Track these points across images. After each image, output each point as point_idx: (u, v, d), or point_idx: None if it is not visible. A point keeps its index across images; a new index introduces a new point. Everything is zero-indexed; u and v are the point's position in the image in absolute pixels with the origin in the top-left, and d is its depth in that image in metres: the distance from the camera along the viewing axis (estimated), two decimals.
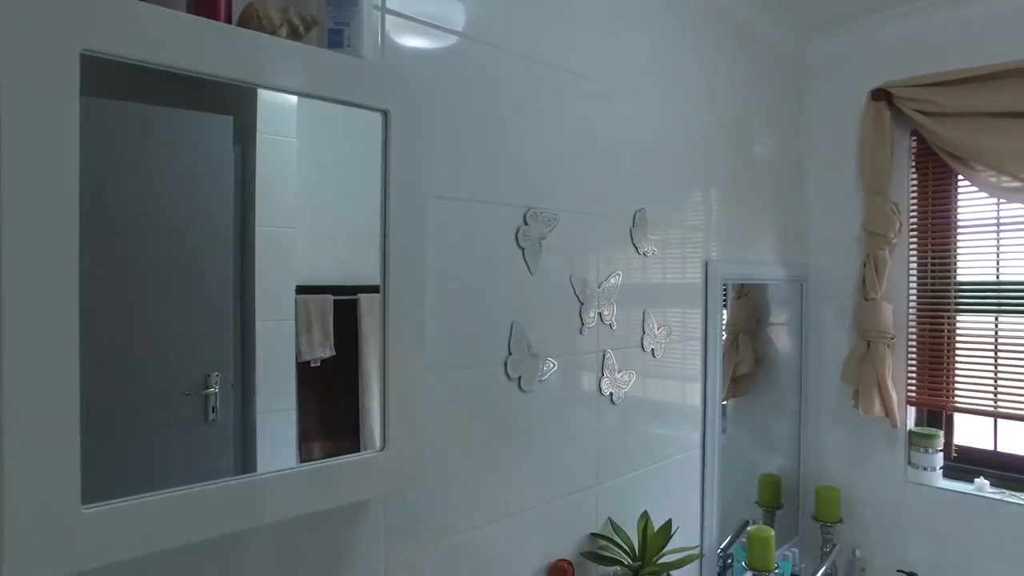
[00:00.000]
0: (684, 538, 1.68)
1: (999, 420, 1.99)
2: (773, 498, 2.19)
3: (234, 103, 0.84)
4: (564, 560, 1.33)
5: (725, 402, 2.18)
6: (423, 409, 0.99)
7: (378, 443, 0.94)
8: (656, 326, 1.58)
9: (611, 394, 1.46)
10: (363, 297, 0.97)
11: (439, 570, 1.12)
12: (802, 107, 2.26)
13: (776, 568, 1.81)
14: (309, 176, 0.92)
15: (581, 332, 1.38)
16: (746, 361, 2.23)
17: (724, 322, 2.00)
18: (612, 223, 1.47)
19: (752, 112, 2.02)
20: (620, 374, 1.47)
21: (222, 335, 0.85)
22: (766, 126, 2.09)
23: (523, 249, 1.25)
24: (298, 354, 0.90)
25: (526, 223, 1.25)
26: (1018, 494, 1.90)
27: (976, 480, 1.97)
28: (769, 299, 2.27)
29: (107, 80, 0.71)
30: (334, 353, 0.93)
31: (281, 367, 0.89)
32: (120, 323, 0.75)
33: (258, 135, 0.86)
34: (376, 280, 0.96)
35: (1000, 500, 1.90)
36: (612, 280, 1.45)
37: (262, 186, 0.86)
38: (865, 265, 2.05)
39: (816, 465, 2.24)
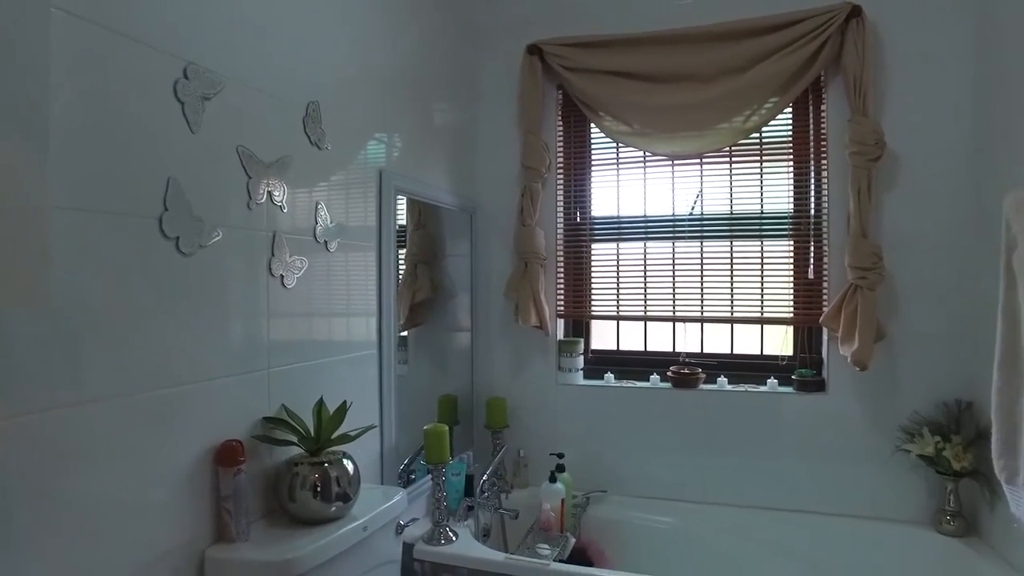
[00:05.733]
0: (365, 465, 1.84)
1: (621, 323, 2.62)
2: (451, 415, 2.50)
3: None
4: (235, 440, 1.36)
5: (406, 333, 2.42)
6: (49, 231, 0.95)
7: None
8: (329, 220, 1.71)
9: (282, 276, 1.54)
10: None
11: (85, 435, 1.07)
12: (476, 58, 2.64)
13: (451, 460, 2.09)
14: None
15: (249, 207, 1.43)
16: (424, 288, 2.50)
17: (404, 254, 2.23)
18: (284, 106, 1.55)
19: (434, 57, 2.33)
20: (292, 259, 1.56)
21: None
22: (445, 73, 2.42)
23: (183, 104, 1.26)
24: None
25: (187, 77, 1.26)
26: (633, 380, 2.53)
27: (605, 375, 2.55)
28: (445, 231, 2.58)
29: None
30: None
31: None
32: None
33: None
34: None
35: (620, 387, 2.51)
36: (283, 163, 1.53)
37: None
38: (523, 196, 2.50)
39: (487, 380, 2.63)
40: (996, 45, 1.97)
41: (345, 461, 1.51)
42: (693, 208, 2.51)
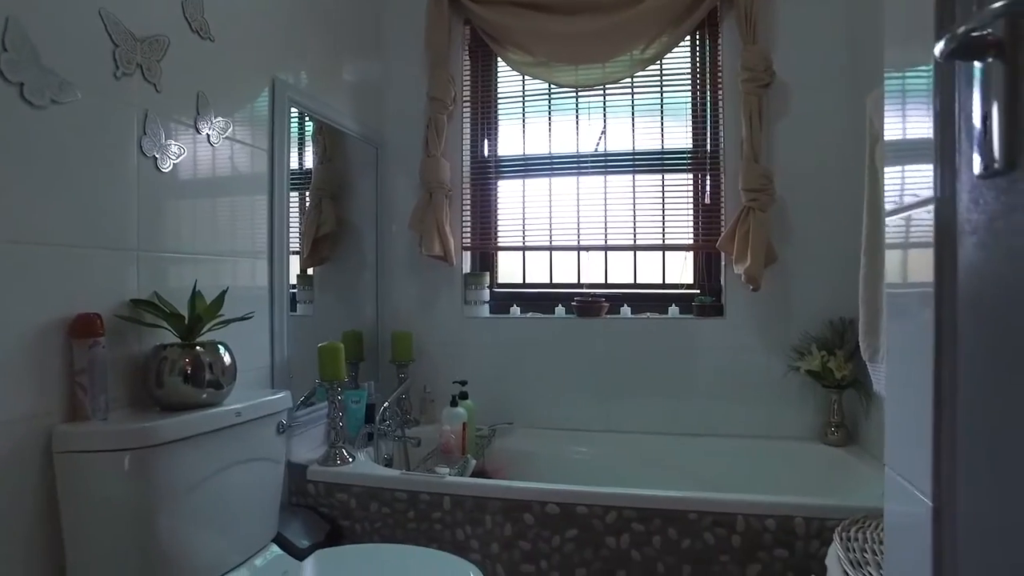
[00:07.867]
0: (257, 377, 1.80)
1: (527, 262, 2.64)
2: (356, 351, 2.46)
3: None
4: (93, 312, 1.29)
5: (311, 271, 2.38)
6: None
7: None
8: (214, 114, 1.66)
9: (155, 159, 1.48)
10: None
11: None
12: None
13: (346, 379, 2.05)
14: None
15: (116, 77, 1.37)
16: (328, 222, 2.45)
17: (313, 185, 2.18)
18: None
19: None
20: (167, 142, 1.51)
21: None
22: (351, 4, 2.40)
23: None
24: None
25: None
26: (537, 313, 2.55)
27: (511, 309, 2.56)
28: (352, 165, 2.55)
29: None
30: None
31: None
32: None
33: None
34: None
35: (526, 319, 2.53)
36: (157, 41, 1.47)
37: None
38: (428, 127, 2.49)
39: (393, 315, 2.60)
40: None
41: (221, 349, 1.46)
42: (597, 146, 2.56)
